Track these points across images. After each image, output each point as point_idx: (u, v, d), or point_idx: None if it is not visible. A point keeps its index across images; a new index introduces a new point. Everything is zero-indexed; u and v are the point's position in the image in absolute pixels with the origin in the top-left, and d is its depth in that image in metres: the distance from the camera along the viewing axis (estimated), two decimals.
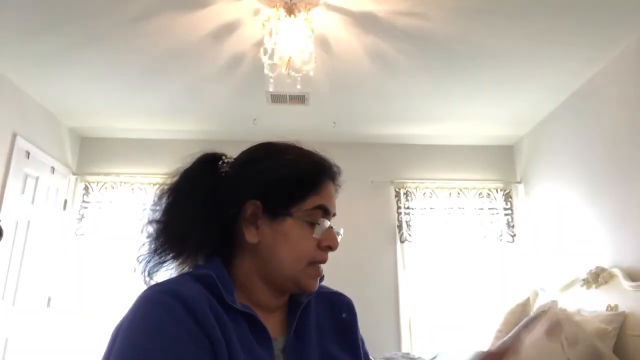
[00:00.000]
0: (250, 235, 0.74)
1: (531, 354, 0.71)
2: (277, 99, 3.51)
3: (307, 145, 0.82)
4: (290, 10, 2.41)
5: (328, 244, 0.75)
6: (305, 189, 0.75)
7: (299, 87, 2.73)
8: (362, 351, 0.83)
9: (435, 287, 4.02)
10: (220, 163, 0.79)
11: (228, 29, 2.68)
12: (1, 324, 3.16)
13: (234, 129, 4.03)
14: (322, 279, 0.82)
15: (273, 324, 0.75)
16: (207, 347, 0.62)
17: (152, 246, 0.76)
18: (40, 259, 3.61)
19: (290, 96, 3.47)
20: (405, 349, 3.81)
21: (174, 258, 0.76)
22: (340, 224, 0.81)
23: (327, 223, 0.76)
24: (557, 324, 0.69)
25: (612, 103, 2.95)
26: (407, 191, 4.21)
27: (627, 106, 2.80)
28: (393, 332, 3.92)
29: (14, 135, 3.30)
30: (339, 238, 0.79)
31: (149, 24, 2.62)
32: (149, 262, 0.75)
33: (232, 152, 0.84)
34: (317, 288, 0.77)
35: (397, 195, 4.20)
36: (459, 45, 2.81)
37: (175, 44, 2.82)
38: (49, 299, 3.77)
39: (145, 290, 0.66)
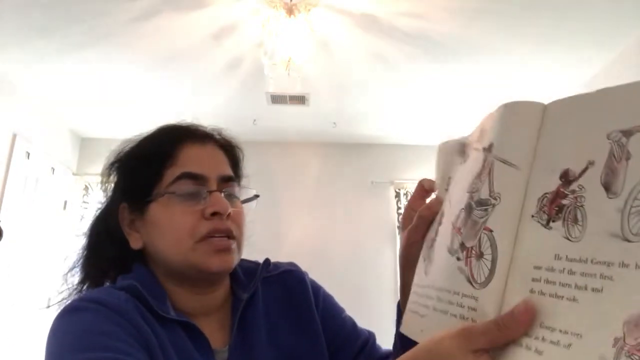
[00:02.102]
0: (133, 241, 0.67)
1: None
2: (277, 99, 3.51)
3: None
4: (290, 11, 2.41)
5: (212, 210, 0.62)
6: (155, 165, 0.66)
7: (299, 87, 2.74)
8: (322, 320, 0.72)
9: None
10: None
11: (228, 30, 2.68)
12: (1, 324, 3.16)
13: (234, 130, 3.88)
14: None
15: (216, 331, 0.65)
16: (145, 349, 0.54)
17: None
18: (40, 259, 3.61)
19: (290, 96, 3.47)
20: None
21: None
22: (340, 224, 0.79)
23: (203, 189, 0.64)
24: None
25: None
26: (407, 192, 4.21)
27: None
28: (393, 332, 3.91)
29: (14, 136, 3.30)
30: (252, 201, 0.70)
31: (149, 24, 2.62)
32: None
33: None
34: (224, 265, 0.63)
35: (397, 195, 4.20)
36: (460, 45, 2.81)
37: (175, 44, 2.82)
38: (49, 299, 3.77)
39: (61, 309, 0.57)
